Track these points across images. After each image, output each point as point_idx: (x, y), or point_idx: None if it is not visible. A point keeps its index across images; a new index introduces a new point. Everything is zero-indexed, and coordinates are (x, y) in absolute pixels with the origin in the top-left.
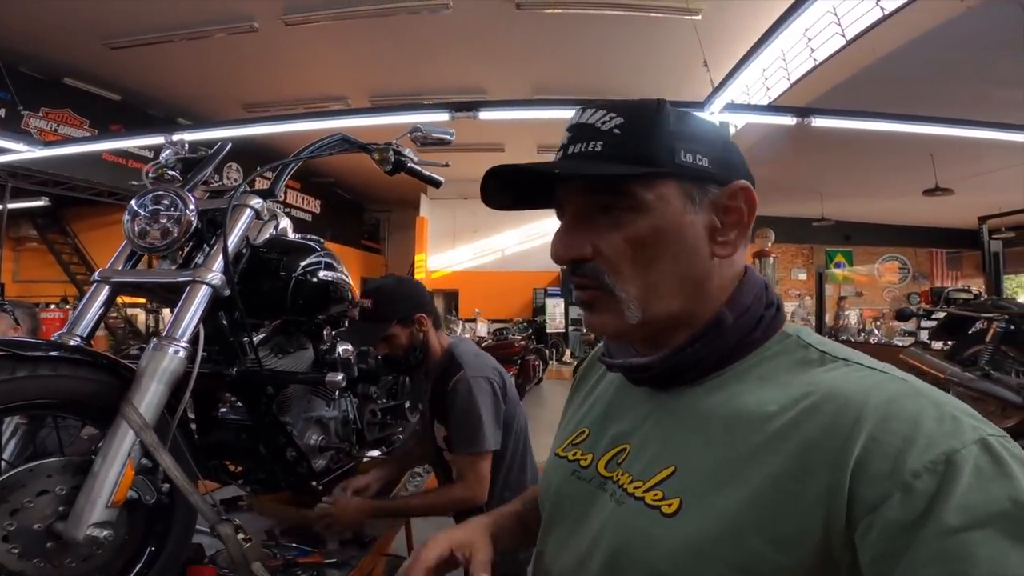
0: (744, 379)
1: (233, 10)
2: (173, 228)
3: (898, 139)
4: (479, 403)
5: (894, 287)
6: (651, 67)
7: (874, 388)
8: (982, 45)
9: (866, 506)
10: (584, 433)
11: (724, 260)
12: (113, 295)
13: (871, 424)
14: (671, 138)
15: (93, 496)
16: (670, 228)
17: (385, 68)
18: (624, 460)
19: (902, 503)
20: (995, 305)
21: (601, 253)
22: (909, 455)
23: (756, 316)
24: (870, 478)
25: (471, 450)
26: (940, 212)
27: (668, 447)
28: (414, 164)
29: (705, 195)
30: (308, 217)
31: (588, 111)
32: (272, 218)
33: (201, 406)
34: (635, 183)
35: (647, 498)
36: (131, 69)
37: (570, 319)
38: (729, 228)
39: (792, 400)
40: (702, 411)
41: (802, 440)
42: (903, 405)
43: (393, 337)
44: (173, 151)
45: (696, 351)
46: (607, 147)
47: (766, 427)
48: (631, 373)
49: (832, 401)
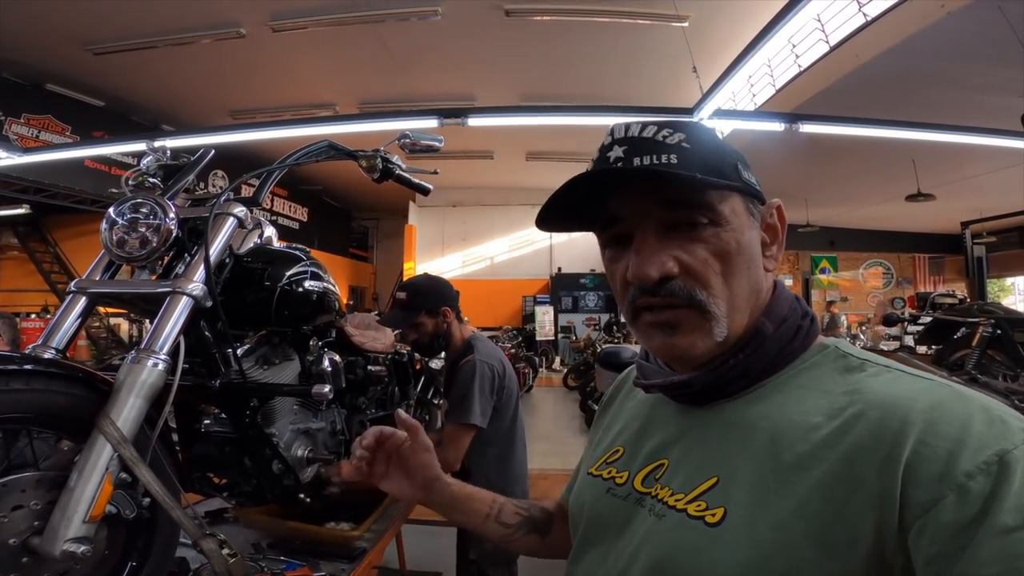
0: (784, 390)
1: (220, 16)
2: (152, 237)
3: (881, 145)
4: (476, 382)
5: (878, 292)
6: (640, 74)
7: (919, 393)
8: (962, 50)
9: (919, 508)
10: (619, 452)
11: (767, 274)
12: (91, 306)
13: (920, 428)
14: (732, 156)
15: (69, 511)
16: (744, 242)
17: (374, 75)
18: (662, 475)
19: (957, 504)
20: (981, 310)
21: (689, 268)
22: (961, 457)
23: (794, 326)
24: (922, 481)
25: (456, 420)
26: (923, 217)
27: (709, 459)
28: (402, 172)
29: (757, 211)
30: (295, 225)
31: (634, 125)
32: (256, 227)
33: (184, 419)
34: (713, 197)
35: (689, 509)
36: (115, 75)
37: (559, 327)
38: (771, 243)
39: (836, 408)
40: (743, 423)
41: (849, 447)
42: (951, 408)
43: (421, 325)
44: (154, 158)
45: (739, 362)
46: (682, 160)
47: (811, 436)
48: (672, 391)
49: (878, 407)
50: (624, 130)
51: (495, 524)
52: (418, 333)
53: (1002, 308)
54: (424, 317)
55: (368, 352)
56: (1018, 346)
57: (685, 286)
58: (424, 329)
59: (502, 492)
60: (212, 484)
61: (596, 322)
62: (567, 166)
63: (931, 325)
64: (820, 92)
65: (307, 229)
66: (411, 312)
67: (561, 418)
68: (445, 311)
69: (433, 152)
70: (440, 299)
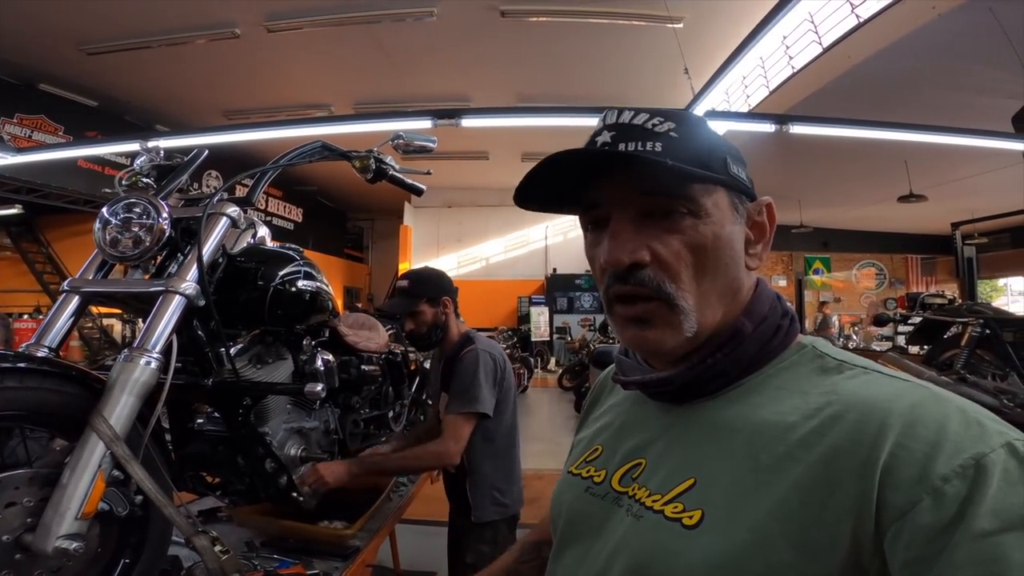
0: (762, 390)
1: (215, 16)
2: (145, 237)
3: (873, 146)
4: (480, 370)
5: (871, 292)
6: (634, 74)
7: (897, 395)
8: (954, 52)
9: (895, 512)
10: (598, 450)
11: (749, 272)
12: (83, 305)
13: (897, 430)
14: (722, 148)
15: (62, 508)
16: (724, 237)
17: (369, 76)
18: (640, 474)
19: (933, 508)
20: (970, 310)
21: (660, 259)
22: (937, 460)
23: (774, 326)
24: (899, 484)
25: (460, 409)
26: (915, 218)
27: (687, 460)
28: (395, 172)
29: (743, 207)
30: (290, 226)
31: (626, 112)
32: (249, 227)
33: (177, 417)
34: (696, 188)
35: (666, 511)
36: (108, 75)
37: (555, 327)
38: (757, 241)
39: (813, 409)
40: (721, 423)
41: (826, 449)
42: (928, 410)
43: (420, 313)
44: (148, 158)
45: (717, 361)
46: (667, 149)
47: (788, 437)
48: (650, 388)
49: (855, 409)
50: (616, 115)
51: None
52: (416, 323)
53: (991, 308)
54: (424, 305)
55: (362, 351)
56: (1007, 346)
57: (654, 277)
58: (423, 318)
59: (499, 491)
60: (205, 483)
61: (591, 323)
62: None
63: (921, 325)
64: (814, 93)
65: (302, 230)
66: (412, 299)
67: (556, 418)
68: (445, 301)
69: (426, 153)
70: (441, 288)
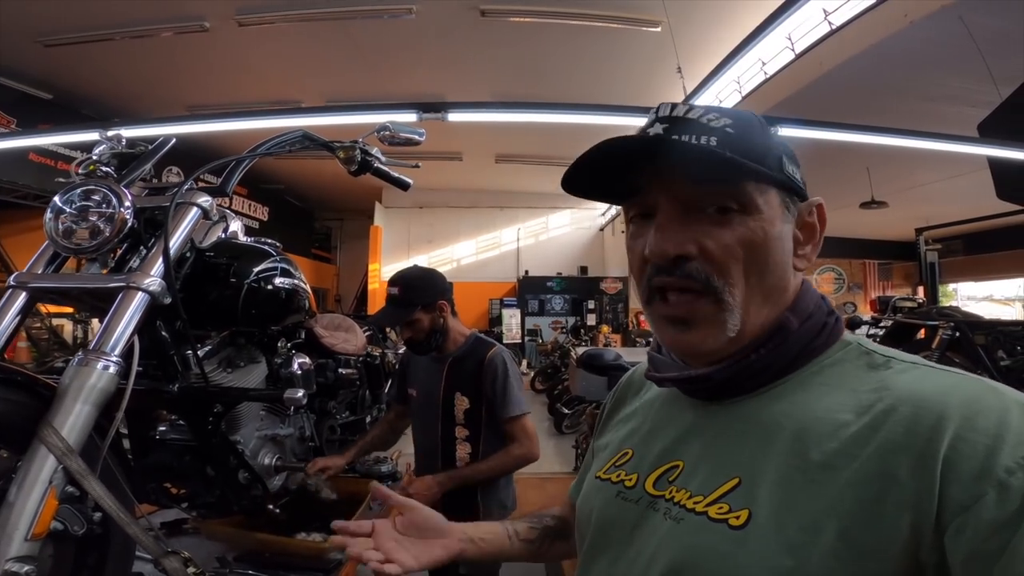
0: (807, 387)
1: (183, 8)
2: (105, 227)
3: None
4: (512, 373)
5: (831, 297)
6: (613, 78)
7: (952, 387)
8: (924, 60)
9: (958, 506)
10: (627, 454)
11: (796, 273)
12: (31, 303)
13: (956, 423)
14: (779, 148)
15: (9, 528)
16: (775, 235)
17: (343, 73)
18: (677, 477)
19: (998, 501)
20: (940, 313)
21: (708, 253)
22: (1001, 452)
23: (820, 323)
24: (961, 477)
25: (516, 413)
26: (875, 224)
27: (729, 459)
28: (381, 164)
29: (795, 207)
30: (256, 225)
31: (680, 106)
32: (221, 220)
33: (136, 426)
34: (749, 184)
35: (710, 512)
36: (65, 67)
37: (526, 330)
38: (806, 243)
39: (864, 405)
40: (765, 421)
41: (881, 444)
42: (987, 403)
43: (417, 321)
44: (108, 146)
45: (761, 357)
46: (722, 144)
47: (840, 434)
48: (688, 386)
49: (909, 402)
50: (669, 109)
51: (519, 544)
52: (413, 331)
53: (960, 312)
54: (420, 313)
55: (339, 354)
56: (978, 348)
57: (703, 269)
58: (420, 326)
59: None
60: (169, 495)
61: (563, 325)
62: (536, 168)
63: (892, 328)
64: (786, 98)
65: (268, 229)
66: (406, 309)
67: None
68: (441, 305)
69: (413, 145)
70: (435, 292)
